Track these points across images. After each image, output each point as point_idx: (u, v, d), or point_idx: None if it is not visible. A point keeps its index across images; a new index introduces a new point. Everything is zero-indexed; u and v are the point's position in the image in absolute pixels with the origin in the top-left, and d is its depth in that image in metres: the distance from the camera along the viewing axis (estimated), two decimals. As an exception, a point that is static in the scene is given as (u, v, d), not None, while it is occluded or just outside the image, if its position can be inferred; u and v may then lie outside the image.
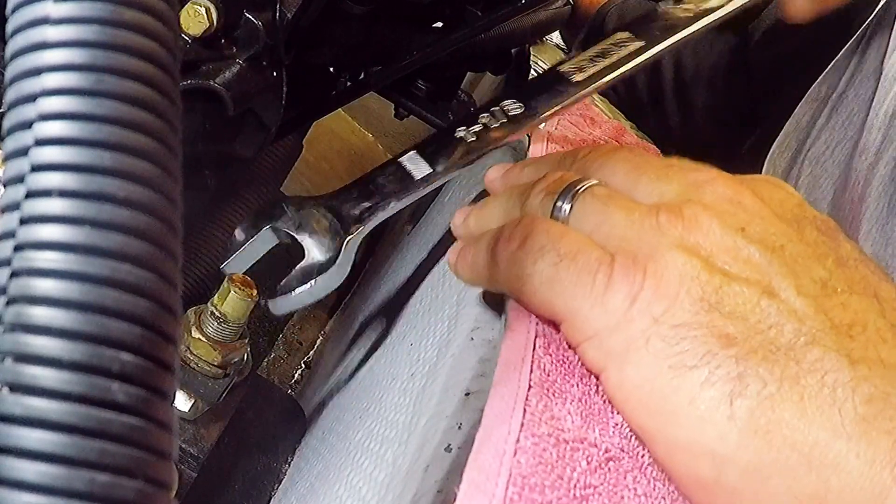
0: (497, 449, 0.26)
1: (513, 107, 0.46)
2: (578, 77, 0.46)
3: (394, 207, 0.44)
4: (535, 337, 0.32)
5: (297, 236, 0.44)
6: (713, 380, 0.27)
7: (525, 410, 0.28)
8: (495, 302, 0.36)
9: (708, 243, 0.30)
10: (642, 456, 0.29)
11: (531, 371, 0.30)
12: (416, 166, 0.44)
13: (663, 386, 0.28)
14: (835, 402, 0.27)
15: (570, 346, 0.32)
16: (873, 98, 0.57)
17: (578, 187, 0.34)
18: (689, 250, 0.30)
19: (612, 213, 0.33)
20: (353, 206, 0.44)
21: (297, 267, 0.43)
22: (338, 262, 0.43)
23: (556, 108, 0.46)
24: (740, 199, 0.32)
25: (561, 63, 0.48)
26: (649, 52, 0.47)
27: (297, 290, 0.43)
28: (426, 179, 0.44)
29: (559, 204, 0.34)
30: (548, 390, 0.30)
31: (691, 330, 0.28)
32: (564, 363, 0.31)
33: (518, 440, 0.27)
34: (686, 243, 0.30)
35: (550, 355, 0.31)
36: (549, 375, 0.30)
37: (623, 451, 0.29)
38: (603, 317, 0.30)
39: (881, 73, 0.57)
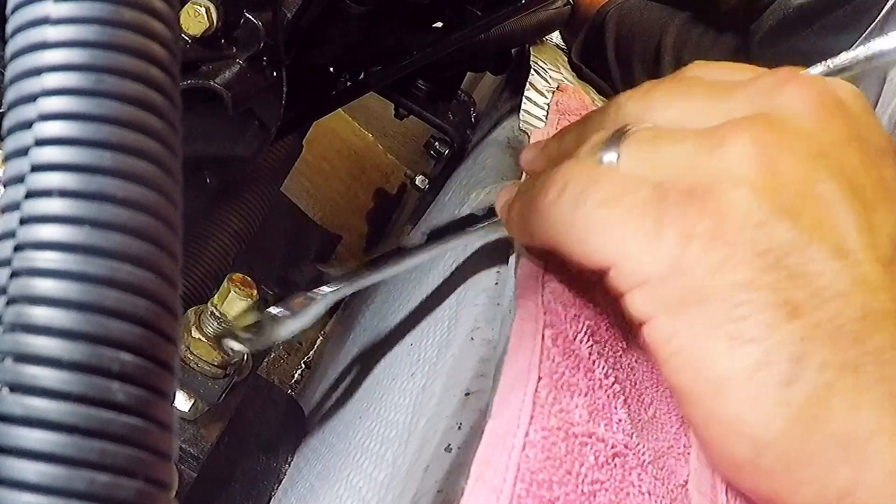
0: (505, 443, 0.26)
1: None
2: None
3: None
4: (545, 328, 0.31)
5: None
6: (772, 359, 0.25)
7: (535, 402, 0.27)
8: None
9: (780, 173, 0.26)
10: (643, 454, 0.29)
11: (541, 362, 0.29)
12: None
13: (717, 355, 0.26)
14: (889, 396, 0.25)
15: (581, 344, 0.31)
16: (878, 102, 0.57)
17: (624, 133, 0.30)
18: (755, 184, 0.26)
19: (662, 149, 0.29)
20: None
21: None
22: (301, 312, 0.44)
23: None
24: (823, 108, 0.27)
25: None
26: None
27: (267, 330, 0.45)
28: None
29: (603, 156, 0.30)
30: (557, 382, 0.29)
31: (753, 291, 0.25)
32: (571, 356, 0.31)
33: (527, 433, 0.26)
34: (752, 175, 0.26)
35: (558, 346, 0.31)
36: (558, 367, 0.30)
37: (627, 447, 0.29)
38: (653, 261, 0.27)
39: (886, 77, 0.57)
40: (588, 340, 0.32)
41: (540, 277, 0.34)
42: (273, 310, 0.44)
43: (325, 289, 0.44)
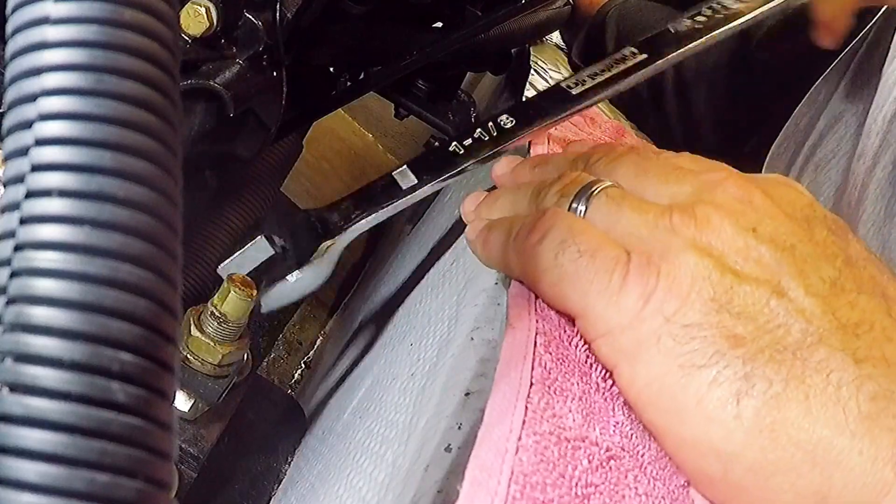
0: (499, 447, 0.26)
1: (507, 121, 0.46)
2: (576, 90, 0.47)
3: (377, 217, 0.46)
4: (536, 335, 0.32)
5: (278, 240, 0.46)
6: (721, 379, 0.28)
7: (527, 408, 0.28)
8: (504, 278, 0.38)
9: (720, 243, 0.31)
10: (642, 455, 0.29)
11: (532, 368, 0.30)
12: (405, 179, 0.46)
13: (672, 384, 0.29)
14: (839, 401, 0.27)
15: (575, 350, 0.32)
16: (872, 103, 0.57)
17: (594, 188, 0.35)
18: (702, 250, 0.30)
19: (626, 213, 0.33)
20: (339, 215, 0.46)
21: (281, 267, 0.46)
22: (315, 262, 0.45)
23: (550, 121, 0.46)
24: (751, 199, 0.32)
25: (564, 80, 0.48)
26: (653, 65, 0.47)
27: (277, 286, 0.46)
28: (412, 189, 0.46)
29: (574, 205, 0.35)
30: (549, 388, 0.30)
31: (701, 330, 0.29)
32: (565, 361, 0.31)
33: (520, 438, 0.27)
34: (698, 243, 0.31)
35: (551, 353, 0.31)
36: (550, 373, 0.30)
37: (623, 449, 0.29)
38: (617, 315, 0.31)
39: (881, 78, 0.57)
40: (583, 344, 0.32)
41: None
42: (290, 277, 0.45)
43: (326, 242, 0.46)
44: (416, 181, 0.46)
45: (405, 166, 0.46)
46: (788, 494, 0.27)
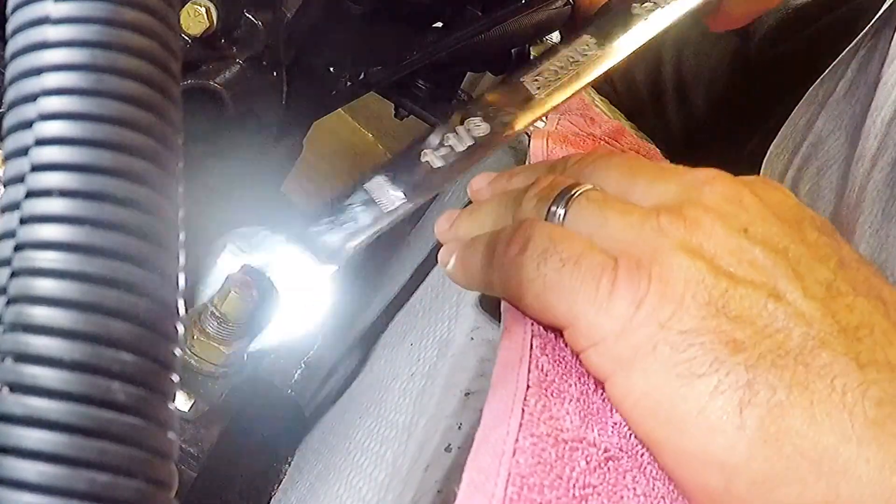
0: (496, 449, 0.26)
1: (478, 127, 0.43)
2: (541, 94, 0.45)
3: (364, 240, 0.42)
4: (532, 337, 0.32)
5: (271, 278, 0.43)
6: (722, 388, 0.27)
7: (523, 411, 0.28)
8: (492, 307, 0.36)
9: (711, 245, 0.30)
10: (641, 455, 0.29)
11: (529, 371, 0.30)
12: (385, 195, 0.42)
13: (671, 394, 0.28)
14: (844, 407, 0.26)
15: (573, 352, 0.32)
16: (871, 105, 0.57)
17: (573, 192, 0.33)
18: (694, 252, 0.29)
19: (609, 216, 0.32)
20: (325, 239, 0.42)
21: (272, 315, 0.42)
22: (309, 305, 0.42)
23: (520, 128, 0.44)
24: (741, 199, 0.31)
25: (522, 73, 0.46)
26: (612, 61, 0.45)
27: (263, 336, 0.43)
28: (396, 210, 0.42)
29: (553, 209, 0.33)
30: (546, 390, 0.29)
31: (699, 336, 0.28)
32: (562, 363, 0.31)
33: (517, 440, 0.27)
34: (689, 245, 0.30)
35: (548, 355, 0.31)
36: (546, 375, 0.30)
37: (622, 450, 0.29)
38: (608, 323, 0.29)
39: (880, 80, 0.57)
40: None
41: None
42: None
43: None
44: (403, 199, 0.42)
45: (382, 176, 0.42)
46: None
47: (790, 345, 0.28)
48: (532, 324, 0.32)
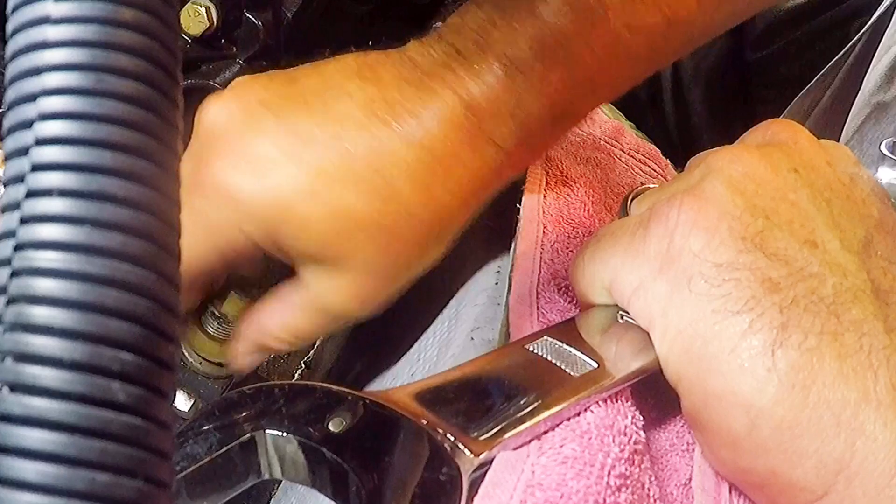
0: (516, 468, 0.26)
1: None
2: None
3: None
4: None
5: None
6: (756, 328, 0.26)
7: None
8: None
9: (755, 176, 0.29)
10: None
11: None
12: None
13: (706, 331, 0.27)
14: (870, 366, 0.26)
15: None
16: (876, 48, 0.56)
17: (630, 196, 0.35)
18: (733, 185, 0.29)
19: (653, 192, 0.33)
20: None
21: None
22: None
23: None
24: (797, 140, 0.31)
25: None
26: None
27: None
28: None
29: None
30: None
31: (734, 271, 0.27)
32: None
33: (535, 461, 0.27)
34: (730, 176, 0.29)
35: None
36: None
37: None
38: (645, 264, 0.29)
39: (885, 30, 0.57)
40: None
41: (533, 291, 0.35)
42: None
43: None
44: None
45: None
46: (811, 460, 0.26)
47: (823, 292, 0.27)
48: (533, 325, 0.32)
